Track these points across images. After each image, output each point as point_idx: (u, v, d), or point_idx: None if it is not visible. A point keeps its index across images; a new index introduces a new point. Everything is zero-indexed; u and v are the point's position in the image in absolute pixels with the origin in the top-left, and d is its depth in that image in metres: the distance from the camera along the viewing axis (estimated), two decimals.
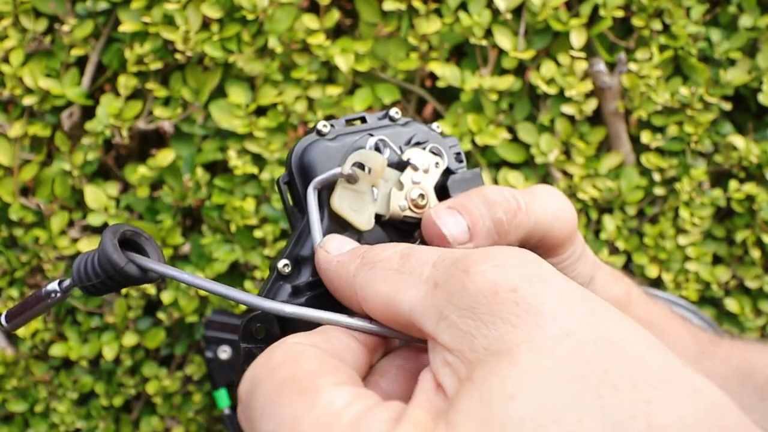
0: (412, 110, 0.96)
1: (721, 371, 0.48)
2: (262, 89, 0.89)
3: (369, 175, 0.36)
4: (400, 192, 0.37)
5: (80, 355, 0.97)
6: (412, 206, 0.37)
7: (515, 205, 0.37)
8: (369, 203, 0.36)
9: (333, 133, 0.38)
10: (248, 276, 0.94)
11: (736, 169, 0.93)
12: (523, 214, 0.38)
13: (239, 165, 0.89)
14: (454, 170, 0.40)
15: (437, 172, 0.39)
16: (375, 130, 0.39)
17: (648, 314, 0.48)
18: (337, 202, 0.35)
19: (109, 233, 0.33)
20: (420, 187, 0.38)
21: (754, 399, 0.48)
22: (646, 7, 0.88)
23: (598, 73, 0.88)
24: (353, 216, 0.36)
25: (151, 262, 0.33)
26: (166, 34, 0.85)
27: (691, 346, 0.48)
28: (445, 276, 0.26)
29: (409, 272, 0.27)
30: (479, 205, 0.37)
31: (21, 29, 0.89)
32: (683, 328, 0.49)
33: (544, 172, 0.94)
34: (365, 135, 0.38)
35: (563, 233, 0.40)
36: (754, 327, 0.97)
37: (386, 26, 0.90)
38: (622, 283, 0.47)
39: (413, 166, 0.38)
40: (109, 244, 0.32)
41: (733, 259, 0.97)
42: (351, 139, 0.38)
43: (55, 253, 0.93)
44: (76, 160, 0.90)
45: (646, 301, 0.48)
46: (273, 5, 0.85)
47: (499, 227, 0.37)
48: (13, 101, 0.91)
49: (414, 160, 0.38)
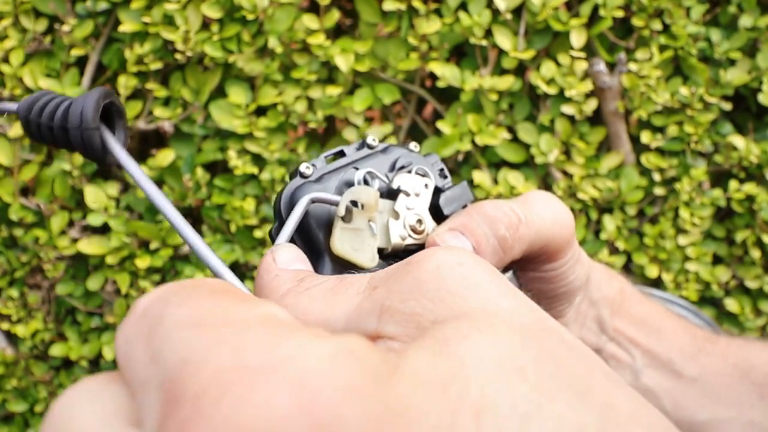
0: (412, 110, 0.96)
1: (718, 368, 0.48)
2: (262, 89, 0.89)
3: (363, 210, 0.35)
4: (398, 221, 0.37)
5: (80, 355, 0.97)
6: (411, 233, 0.37)
7: (516, 219, 0.37)
8: (369, 239, 0.35)
9: (316, 173, 0.37)
10: (248, 276, 0.94)
11: (736, 169, 0.93)
12: (525, 227, 0.37)
13: (239, 165, 0.89)
14: (442, 187, 0.40)
15: (428, 194, 0.39)
16: (357, 162, 0.38)
17: (642, 312, 0.48)
18: (338, 245, 0.34)
19: (99, 92, 0.31)
20: (415, 212, 0.37)
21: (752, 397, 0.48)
22: (646, 7, 0.88)
23: (598, 73, 0.88)
24: (356, 256, 0.34)
25: (118, 145, 0.30)
26: (166, 34, 0.85)
27: (688, 344, 0.48)
28: (384, 278, 0.24)
29: (344, 289, 0.25)
30: (481, 224, 0.36)
31: (21, 29, 0.89)
32: (679, 326, 0.49)
33: (544, 172, 0.94)
34: (350, 169, 0.38)
35: (563, 238, 0.40)
36: (754, 327, 0.97)
37: (386, 26, 0.90)
38: (616, 282, 0.47)
39: (405, 192, 0.37)
40: (93, 101, 0.30)
41: (733, 259, 0.97)
42: (337, 177, 0.37)
43: (55, 253, 0.93)
44: (76, 160, 0.90)
45: (641, 300, 0.48)
46: (273, 5, 0.85)
47: (504, 244, 0.36)
48: (13, 101, 0.91)
49: (404, 185, 0.38)
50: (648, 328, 0.47)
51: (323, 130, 1.01)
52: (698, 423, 0.47)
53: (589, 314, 0.46)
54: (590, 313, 0.46)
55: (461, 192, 0.40)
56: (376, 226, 0.35)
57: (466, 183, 0.40)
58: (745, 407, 0.47)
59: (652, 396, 0.48)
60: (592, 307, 0.46)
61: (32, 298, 0.97)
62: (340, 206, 0.34)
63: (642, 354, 0.47)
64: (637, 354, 0.47)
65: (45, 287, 0.98)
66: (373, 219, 0.35)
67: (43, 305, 0.98)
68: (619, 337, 0.47)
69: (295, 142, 0.93)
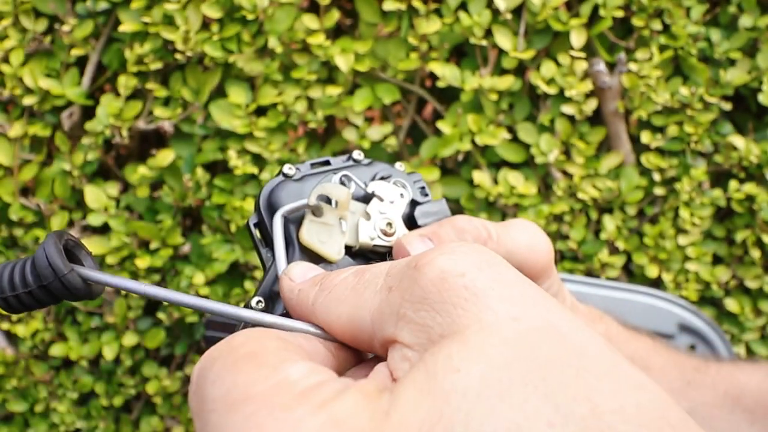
0: (412, 110, 0.96)
1: (708, 400, 0.48)
2: (262, 89, 0.89)
3: (335, 207, 0.37)
4: (368, 222, 0.38)
5: (80, 355, 0.97)
6: (380, 234, 0.39)
7: (485, 234, 0.38)
8: (337, 235, 0.37)
9: (299, 174, 0.39)
10: (248, 276, 0.94)
11: (736, 169, 0.93)
12: (494, 244, 0.38)
13: (239, 165, 0.89)
14: (421, 202, 0.42)
15: (403, 203, 0.40)
16: (340, 170, 0.40)
17: (629, 352, 0.48)
18: (306, 235, 0.36)
19: (53, 237, 0.31)
20: (387, 216, 0.39)
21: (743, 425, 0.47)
22: (646, 7, 0.88)
23: (598, 73, 0.88)
24: (322, 248, 0.36)
25: (97, 272, 0.31)
26: (166, 34, 0.85)
27: (677, 378, 0.48)
28: (398, 278, 0.26)
29: (365, 287, 0.27)
30: (449, 233, 0.38)
31: (21, 29, 0.89)
32: (668, 360, 0.49)
33: (544, 172, 0.94)
34: (330, 173, 0.40)
35: (538, 265, 0.41)
36: (754, 327, 0.97)
37: (386, 26, 0.90)
38: (601, 324, 0.47)
39: (378, 197, 0.39)
40: (53, 248, 0.31)
41: (733, 259, 0.97)
42: (317, 179, 0.39)
43: None
44: (76, 160, 0.90)
45: (627, 339, 0.48)
46: (273, 5, 0.85)
47: None
48: (13, 101, 0.91)
49: (379, 191, 0.40)
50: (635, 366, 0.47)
51: (323, 130, 1.01)
52: None
53: None
54: None
55: (438, 208, 0.42)
56: (346, 224, 0.38)
57: (445, 200, 0.42)
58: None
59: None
60: None
61: None
62: (310, 198, 0.36)
63: None
64: None
65: None
66: (345, 217, 0.38)
67: None
68: None
69: (295, 142, 0.93)
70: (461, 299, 0.23)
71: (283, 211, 0.37)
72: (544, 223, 0.91)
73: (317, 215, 0.36)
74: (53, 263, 0.30)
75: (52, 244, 0.31)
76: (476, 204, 0.93)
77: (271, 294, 0.36)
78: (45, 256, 0.31)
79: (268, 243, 0.38)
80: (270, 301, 0.36)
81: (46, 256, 0.30)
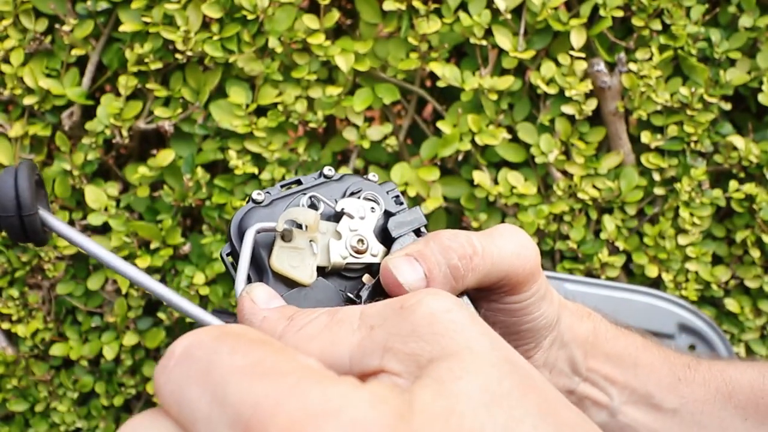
0: (412, 110, 0.96)
1: (699, 396, 0.48)
2: (262, 89, 0.89)
3: (304, 231, 0.37)
4: (339, 241, 0.38)
5: (80, 355, 0.97)
6: (352, 252, 0.39)
7: (470, 251, 0.39)
8: (309, 257, 0.37)
9: (268, 199, 0.39)
10: None
11: (736, 169, 0.93)
12: (479, 258, 0.39)
13: (239, 165, 0.89)
14: (394, 212, 0.42)
15: (374, 217, 0.40)
16: (309, 189, 0.40)
17: (617, 349, 0.48)
18: (276, 262, 0.36)
19: (27, 168, 0.28)
20: (358, 233, 0.39)
21: (736, 420, 0.48)
22: (646, 7, 0.88)
23: (598, 73, 0.88)
24: (294, 272, 0.36)
25: (59, 222, 0.29)
26: (167, 34, 0.85)
27: (666, 374, 0.48)
28: (380, 318, 0.28)
29: (339, 326, 0.29)
30: (435, 252, 0.38)
31: (21, 29, 0.89)
32: (657, 357, 0.49)
33: (544, 172, 0.94)
34: (299, 195, 0.40)
35: (525, 271, 0.41)
36: (754, 327, 0.97)
37: (386, 26, 0.90)
38: (589, 321, 0.48)
39: (348, 215, 0.39)
40: (26, 182, 0.27)
41: (732, 259, 0.97)
42: (286, 202, 0.39)
43: (55, 253, 0.93)
44: (76, 160, 0.90)
45: (616, 335, 0.49)
46: (273, 5, 0.85)
47: (455, 272, 0.38)
48: (14, 101, 0.91)
49: (348, 208, 0.39)
50: (624, 364, 0.48)
51: (323, 130, 1.01)
52: None
53: (560, 356, 0.46)
54: (561, 356, 0.46)
55: (412, 217, 0.41)
56: (317, 246, 0.38)
57: (419, 208, 0.42)
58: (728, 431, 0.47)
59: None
60: (564, 348, 0.46)
61: (32, 298, 0.97)
62: (278, 224, 0.36)
63: (619, 391, 0.47)
64: (614, 391, 0.47)
65: (45, 287, 0.98)
66: (315, 239, 0.38)
67: (44, 305, 0.99)
68: (593, 376, 0.47)
69: (295, 142, 0.93)
70: (450, 330, 0.27)
71: (257, 226, 0.36)
72: (544, 222, 0.91)
73: (287, 240, 0.37)
74: (22, 198, 0.27)
75: (25, 177, 0.27)
76: (476, 204, 0.93)
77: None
78: (15, 187, 0.27)
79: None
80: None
81: (17, 187, 0.27)
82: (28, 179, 0.28)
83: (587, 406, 0.47)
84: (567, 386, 0.47)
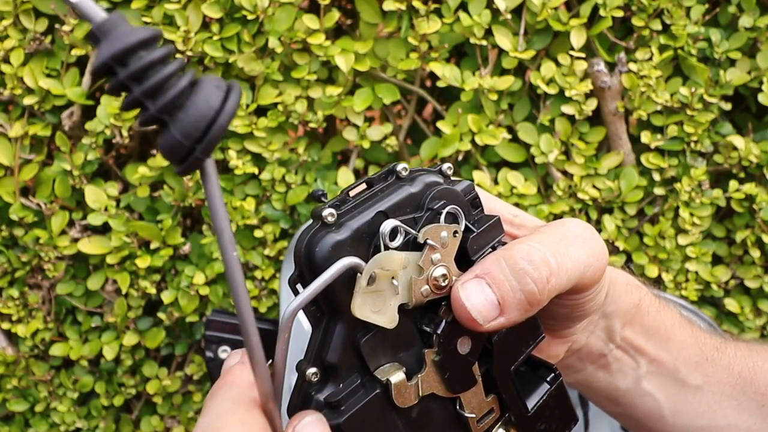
0: (412, 110, 0.96)
1: (722, 377, 0.49)
2: (262, 89, 0.89)
3: (386, 271, 0.34)
4: (421, 277, 0.35)
5: (80, 355, 0.97)
6: (433, 288, 0.36)
7: (547, 273, 0.36)
8: (391, 298, 0.34)
9: (339, 219, 0.35)
10: (248, 276, 0.94)
11: (736, 169, 0.93)
12: (555, 278, 0.36)
13: (239, 165, 0.89)
14: (472, 224, 0.38)
15: (456, 242, 0.37)
16: (381, 201, 0.36)
17: (656, 322, 0.48)
18: (359, 310, 0.33)
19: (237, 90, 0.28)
20: (441, 264, 0.36)
21: (753, 405, 0.49)
22: (646, 7, 0.88)
23: (598, 73, 0.88)
24: (377, 318, 0.34)
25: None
26: (167, 34, 0.85)
27: (696, 353, 0.49)
28: None
29: None
30: (509, 277, 0.35)
31: (21, 29, 0.89)
32: (690, 335, 0.50)
33: (544, 172, 0.94)
34: (374, 214, 0.35)
35: (592, 281, 0.40)
36: (754, 327, 0.97)
37: (386, 26, 0.90)
38: (636, 293, 0.47)
39: (432, 247, 0.36)
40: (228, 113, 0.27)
41: (732, 259, 0.97)
42: (359, 223, 0.35)
43: (56, 253, 0.93)
44: (76, 160, 0.91)
45: (657, 310, 0.49)
46: (273, 5, 0.85)
47: (531, 298, 0.36)
48: (14, 101, 0.91)
49: (432, 239, 0.35)
50: (658, 337, 0.48)
51: (323, 130, 1.01)
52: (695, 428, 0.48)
53: (600, 324, 0.47)
54: (601, 324, 0.47)
55: (490, 230, 0.38)
56: (398, 283, 0.34)
57: (498, 218, 0.38)
58: (744, 415, 0.48)
59: (651, 400, 0.48)
60: (604, 318, 0.46)
61: (32, 298, 0.97)
62: (365, 275, 0.33)
63: (648, 362, 0.48)
64: (643, 362, 0.48)
65: (45, 287, 0.98)
66: (397, 276, 0.34)
67: (44, 305, 0.99)
68: (626, 345, 0.48)
69: (295, 142, 0.93)
70: None
71: (349, 263, 0.33)
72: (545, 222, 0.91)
73: (369, 284, 0.33)
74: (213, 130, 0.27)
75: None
76: None
77: (325, 363, 0.34)
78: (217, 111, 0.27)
79: (313, 302, 0.34)
80: (325, 373, 0.34)
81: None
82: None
83: (615, 370, 0.48)
84: (600, 350, 0.47)
